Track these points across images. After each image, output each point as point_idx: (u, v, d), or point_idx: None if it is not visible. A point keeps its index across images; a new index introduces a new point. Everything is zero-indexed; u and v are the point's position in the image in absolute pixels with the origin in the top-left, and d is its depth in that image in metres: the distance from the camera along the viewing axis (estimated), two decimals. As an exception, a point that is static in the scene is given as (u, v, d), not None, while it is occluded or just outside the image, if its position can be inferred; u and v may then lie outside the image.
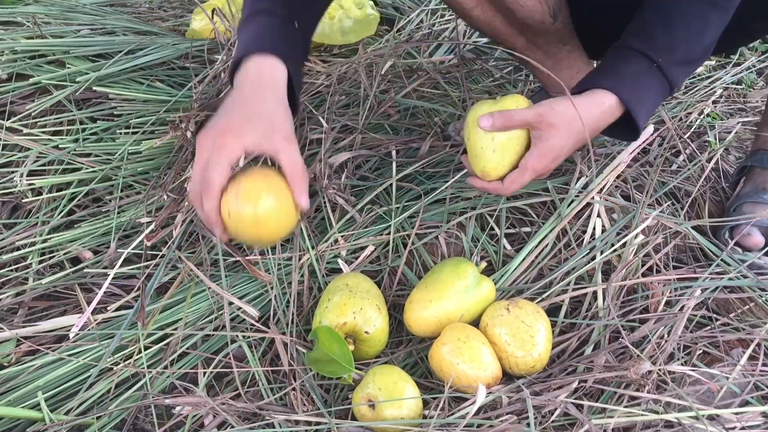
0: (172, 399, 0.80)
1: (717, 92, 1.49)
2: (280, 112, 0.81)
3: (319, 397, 0.84)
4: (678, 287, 0.93)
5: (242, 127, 0.77)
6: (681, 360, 0.86)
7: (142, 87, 1.24)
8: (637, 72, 0.88)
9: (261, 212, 0.75)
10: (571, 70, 1.15)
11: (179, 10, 1.66)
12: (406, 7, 1.72)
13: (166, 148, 1.17)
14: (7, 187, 1.14)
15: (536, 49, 1.11)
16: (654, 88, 0.87)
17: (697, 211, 1.12)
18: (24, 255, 1.07)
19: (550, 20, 1.05)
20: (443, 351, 0.82)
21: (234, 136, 0.75)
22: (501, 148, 0.87)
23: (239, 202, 0.74)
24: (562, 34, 1.08)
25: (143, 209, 1.10)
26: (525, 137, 0.88)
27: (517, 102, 0.89)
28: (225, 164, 0.75)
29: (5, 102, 1.23)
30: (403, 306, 0.91)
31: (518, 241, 1.04)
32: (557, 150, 0.86)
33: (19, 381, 0.87)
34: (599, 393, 0.81)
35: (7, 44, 1.26)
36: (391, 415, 0.77)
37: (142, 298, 0.94)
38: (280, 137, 0.78)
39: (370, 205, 1.07)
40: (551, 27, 1.06)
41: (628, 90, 0.87)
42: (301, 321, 0.93)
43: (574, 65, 1.14)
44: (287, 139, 0.78)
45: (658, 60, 0.86)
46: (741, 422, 0.76)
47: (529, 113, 0.86)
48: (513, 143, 0.88)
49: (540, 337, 0.83)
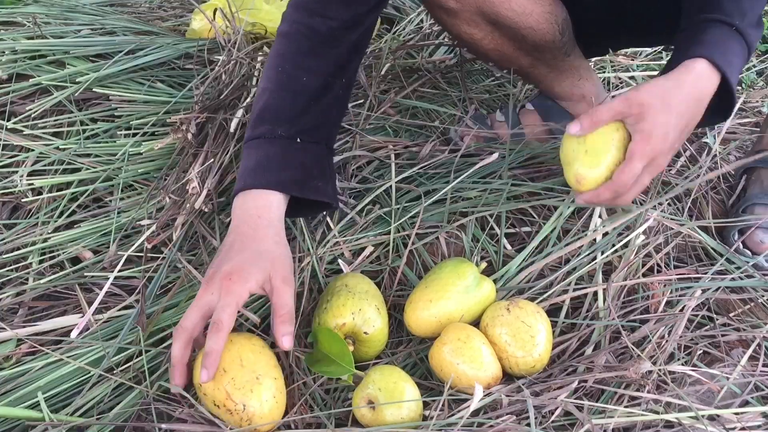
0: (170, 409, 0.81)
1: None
2: (279, 252, 0.84)
3: (319, 401, 0.84)
4: (679, 287, 0.93)
5: (246, 271, 0.80)
6: (681, 360, 0.86)
7: (143, 88, 1.24)
8: (720, 36, 0.85)
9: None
10: (573, 78, 1.16)
11: (179, 10, 1.65)
12: (406, 6, 1.72)
13: (167, 149, 1.17)
14: (7, 187, 1.14)
15: (541, 65, 1.11)
16: (738, 51, 0.86)
17: (699, 211, 1.11)
18: (24, 255, 1.07)
19: (560, 37, 1.06)
20: (443, 351, 0.82)
21: (240, 281, 0.79)
22: (592, 148, 0.81)
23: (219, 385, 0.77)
24: (567, 47, 1.09)
25: (144, 211, 1.10)
26: (621, 133, 0.81)
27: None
28: (234, 307, 0.77)
29: (5, 102, 1.23)
30: (403, 306, 0.91)
31: (518, 241, 1.04)
32: (660, 127, 0.80)
33: (20, 381, 0.87)
34: (599, 393, 0.81)
35: (8, 44, 1.26)
36: (391, 415, 0.77)
37: (142, 302, 0.94)
38: (278, 279, 0.81)
39: (370, 206, 1.07)
40: (559, 43, 1.07)
41: (719, 53, 0.84)
42: (301, 324, 0.93)
43: (576, 73, 1.15)
44: (284, 281, 0.81)
45: (736, 23, 0.85)
46: (741, 422, 0.76)
47: (616, 102, 0.81)
48: (606, 140, 0.80)
49: (540, 338, 0.83)
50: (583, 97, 1.18)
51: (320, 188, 0.91)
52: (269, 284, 0.81)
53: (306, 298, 0.96)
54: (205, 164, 1.07)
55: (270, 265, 0.81)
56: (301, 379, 0.85)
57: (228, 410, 0.77)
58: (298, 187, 0.88)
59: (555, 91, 1.17)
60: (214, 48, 1.34)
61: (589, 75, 1.17)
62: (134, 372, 0.88)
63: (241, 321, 0.94)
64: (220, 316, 0.76)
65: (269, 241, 0.84)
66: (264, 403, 0.77)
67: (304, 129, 0.91)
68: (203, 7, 1.42)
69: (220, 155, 1.08)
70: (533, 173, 1.10)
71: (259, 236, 0.84)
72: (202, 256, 1.01)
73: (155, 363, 0.90)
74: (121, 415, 0.84)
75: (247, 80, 1.22)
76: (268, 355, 0.82)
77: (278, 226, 0.87)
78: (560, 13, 1.05)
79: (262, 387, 0.77)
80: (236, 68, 1.23)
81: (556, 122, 1.18)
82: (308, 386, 0.84)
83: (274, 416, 0.78)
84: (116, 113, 1.21)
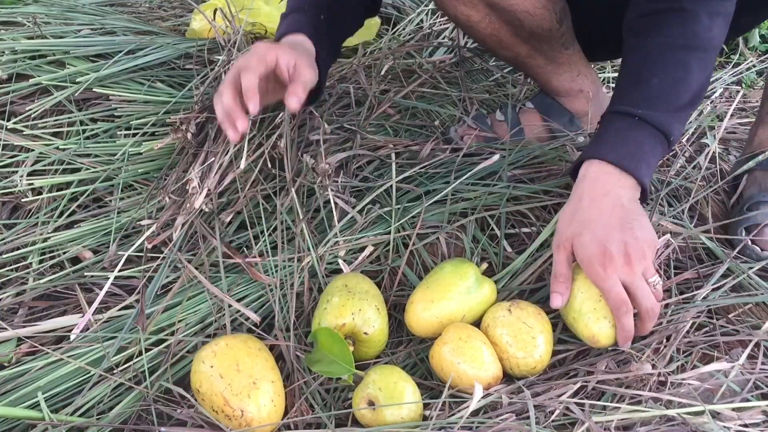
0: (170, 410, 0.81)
1: (717, 92, 1.49)
2: (308, 54, 0.96)
3: (319, 401, 0.84)
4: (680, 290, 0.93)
5: (277, 47, 0.91)
6: (681, 361, 0.86)
7: (143, 88, 1.24)
8: (619, 128, 0.85)
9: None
10: (571, 72, 1.15)
11: (179, 10, 1.65)
12: (406, 6, 1.72)
13: (167, 149, 1.17)
14: (7, 187, 1.14)
15: (539, 55, 1.11)
16: (645, 139, 0.84)
17: (699, 213, 1.11)
18: (24, 255, 1.07)
19: (557, 26, 1.05)
20: (444, 350, 0.83)
21: (271, 48, 0.89)
22: (586, 297, 0.82)
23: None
24: (565, 38, 1.09)
25: (144, 211, 1.10)
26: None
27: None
28: (260, 58, 0.87)
29: (5, 102, 1.23)
30: (403, 306, 0.91)
31: (518, 242, 1.04)
32: (590, 246, 0.79)
33: (20, 381, 0.87)
34: (600, 395, 0.81)
35: (8, 44, 1.26)
36: (392, 415, 0.77)
37: (142, 303, 0.94)
38: (303, 62, 0.90)
39: (370, 205, 1.07)
40: (557, 33, 1.06)
41: (610, 149, 0.83)
42: (301, 324, 0.93)
43: (575, 68, 1.15)
44: (309, 65, 0.92)
45: (638, 112, 0.83)
46: (742, 419, 0.76)
47: (555, 253, 0.83)
48: (589, 289, 0.82)
49: (541, 339, 0.84)
50: (580, 92, 1.18)
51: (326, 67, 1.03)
52: (293, 63, 0.89)
53: (306, 298, 0.96)
54: (205, 164, 1.07)
55: (299, 53, 0.91)
56: (302, 379, 0.85)
57: (226, 416, 0.77)
58: (322, 50, 0.99)
59: (553, 85, 1.17)
60: (214, 48, 1.34)
61: (588, 72, 1.17)
62: (134, 372, 0.88)
63: (241, 321, 0.94)
64: (249, 61, 0.86)
65: (304, 53, 0.95)
66: (262, 407, 0.77)
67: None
68: (203, 7, 1.42)
69: (220, 155, 1.08)
70: (533, 174, 1.10)
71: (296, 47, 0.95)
72: (202, 256, 1.01)
73: (155, 363, 0.90)
74: (120, 415, 0.84)
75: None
76: (264, 357, 0.82)
77: (312, 53, 0.97)
78: (558, 1, 1.05)
79: (260, 392, 0.78)
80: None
81: (556, 120, 1.18)
82: (308, 386, 0.84)
83: (273, 420, 0.78)
84: (116, 113, 1.21)
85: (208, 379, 0.78)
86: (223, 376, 0.78)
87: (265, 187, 1.09)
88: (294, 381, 0.85)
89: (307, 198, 1.09)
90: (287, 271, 0.98)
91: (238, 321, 0.95)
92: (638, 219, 0.81)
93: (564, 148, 1.14)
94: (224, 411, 0.77)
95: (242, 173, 1.07)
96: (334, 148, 1.16)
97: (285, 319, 0.93)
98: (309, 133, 1.16)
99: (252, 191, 1.08)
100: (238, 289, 0.98)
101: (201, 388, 0.79)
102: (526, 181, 1.08)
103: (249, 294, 0.98)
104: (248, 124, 0.85)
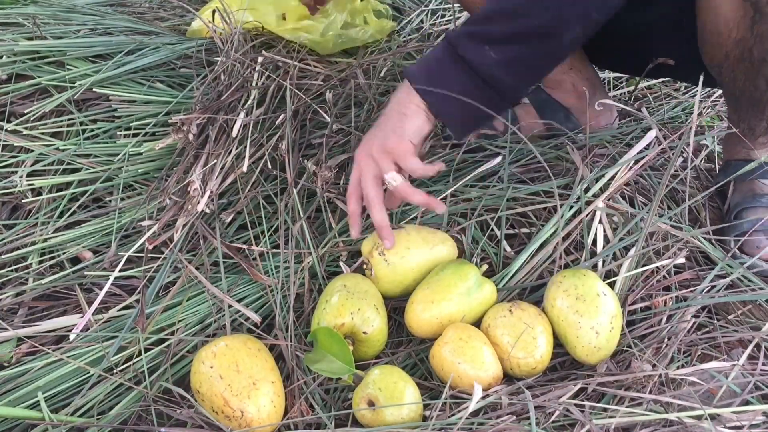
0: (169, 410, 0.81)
1: (717, 92, 1.49)
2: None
3: (319, 401, 0.84)
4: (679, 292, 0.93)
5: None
6: (681, 361, 0.86)
7: (143, 88, 1.24)
8: (434, 52, 0.88)
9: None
10: (564, 64, 1.15)
11: (179, 10, 1.65)
12: (406, 7, 1.72)
13: (168, 149, 1.17)
14: (7, 187, 1.14)
15: None
16: (440, 55, 0.86)
17: (695, 216, 1.11)
18: (24, 255, 1.07)
19: None
20: (444, 351, 0.83)
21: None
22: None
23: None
24: None
25: (144, 212, 1.09)
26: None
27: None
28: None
29: (5, 103, 1.22)
30: (403, 307, 0.91)
31: (518, 242, 1.04)
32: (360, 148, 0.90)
33: (20, 381, 0.87)
34: (600, 396, 0.81)
35: (7, 45, 1.26)
36: (391, 415, 0.77)
37: (142, 303, 0.94)
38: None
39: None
40: None
41: (416, 68, 0.88)
42: (301, 324, 0.93)
43: (567, 60, 1.15)
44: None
45: (450, 36, 0.85)
46: (742, 421, 0.76)
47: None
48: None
49: (542, 339, 0.84)
50: (573, 87, 1.18)
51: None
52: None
53: (306, 299, 0.96)
54: (207, 165, 1.07)
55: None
56: (301, 379, 0.85)
57: (226, 416, 0.77)
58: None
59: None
60: (214, 48, 1.34)
61: (583, 68, 1.17)
62: (134, 372, 0.88)
63: (241, 321, 0.94)
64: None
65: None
66: (262, 408, 0.77)
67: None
68: (204, 8, 1.42)
69: (222, 156, 1.08)
70: (533, 174, 1.10)
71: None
72: (202, 256, 1.01)
73: (155, 363, 0.90)
74: (120, 415, 0.84)
75: (246, 82, 1.22)
76: (264, 357, 0.82)
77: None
78: None
79: (260, 392, 0.78)
80: (234, 70, 1.23)
81: (552, 116, 1.18)
82: (308, 386, 0.84)
83: (273, 420, 0.79)
84: (116, 114, 1.21)
85: (208, 380, 0.78)
86: (223, 377, 0.78)
87: (266, 188, 1.09)
88: (294, 381, 0.85)
89: (308, 199, 1.09)
90: (287, 272, 0.98)
91: (238, 321, 0.95)
92: (390, 123, 0.89)
93: (564, 149, 1.13)
94: (224, 411, 0.77)
95: (243, 174, 1.07)
96: (334, 149, 1.16)
97: (285, 319, 0.93)
98: (309, 136, 1.17)
99: (253, 192, 1.08)
100: (238, 290, 0.98)
101: (201, 389, 0.79)
102: (526, 181, 1.08)
103: (249, 294, 0.98)
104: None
